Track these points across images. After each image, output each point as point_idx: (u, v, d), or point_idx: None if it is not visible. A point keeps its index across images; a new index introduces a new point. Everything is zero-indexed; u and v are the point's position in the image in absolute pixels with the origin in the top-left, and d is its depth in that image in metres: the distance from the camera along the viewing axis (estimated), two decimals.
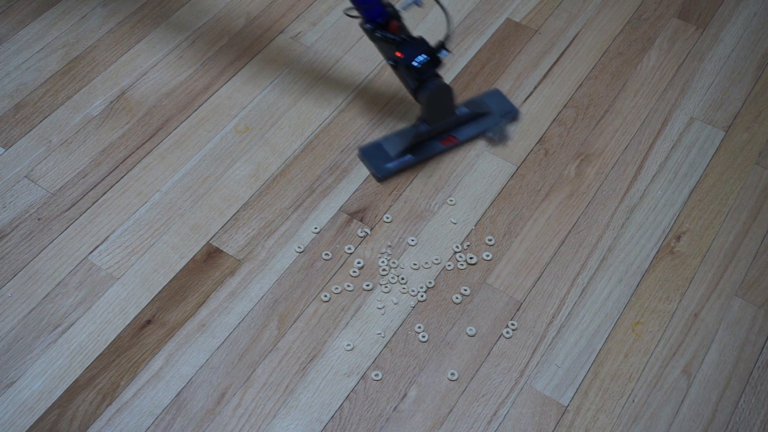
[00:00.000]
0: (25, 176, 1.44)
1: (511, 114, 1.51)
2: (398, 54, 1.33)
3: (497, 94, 1.54)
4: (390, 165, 1.44)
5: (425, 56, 1.33)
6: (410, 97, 1.52)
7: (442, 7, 1.39)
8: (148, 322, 1.28)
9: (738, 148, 1.50)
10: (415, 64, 1.32)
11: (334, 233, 1.38)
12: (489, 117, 1.50)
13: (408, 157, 1.44)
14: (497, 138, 1.47)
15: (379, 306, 1.30)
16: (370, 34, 1.37)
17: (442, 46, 1.35)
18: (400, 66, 1.35)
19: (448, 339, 1.27)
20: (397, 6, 1.38)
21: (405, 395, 1.22)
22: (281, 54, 1.64)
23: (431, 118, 1.43)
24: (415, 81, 1.35)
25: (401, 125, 1.51)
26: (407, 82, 1.37)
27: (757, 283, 1.34)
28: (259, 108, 1.55)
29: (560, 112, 1.55)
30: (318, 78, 1.60)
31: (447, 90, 1.39)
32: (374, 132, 1.51)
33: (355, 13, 1.37)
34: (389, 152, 1.44)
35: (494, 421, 1.19)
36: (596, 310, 1.30)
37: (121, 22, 1.68)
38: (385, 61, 1.55)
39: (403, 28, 1.37)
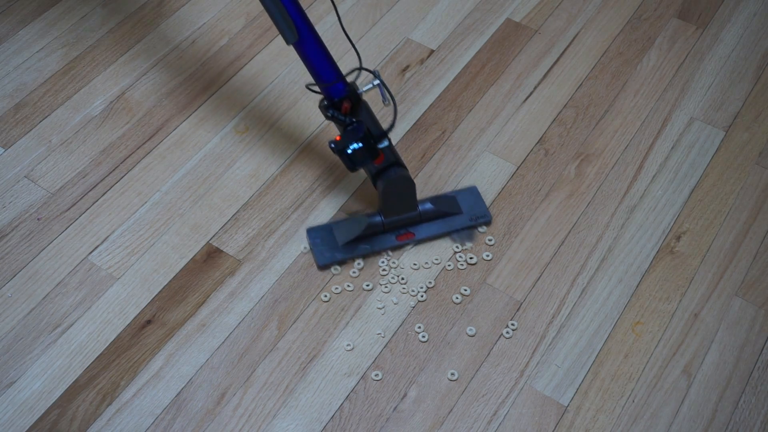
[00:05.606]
0: (25, 176, 1.44)
1: (483, 219, 1.37)
2: (337, 138, 1.23)
3: (473, 193, 1.40)
4: (334, 254, 1.33)
5: (359, 144, 1.21)
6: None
7: (389, 92, 1.25)
8: (148, 322, 1.28)
9: (738, 148, 1.50)
10: (348, 151, 1.21)
11: None
12: (457, 217, 1.37)
13: (358, 248, 1.33)
14: (462, 243, 1.36)
15: (379, 306, 1.30)
16: (324, 111, 1.27)
17: (384, 135, 1.24)
18: (335, 151, 1.23)
19: (448, 339, 1.27)
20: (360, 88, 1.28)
21: (405, 395, 1.22)
22: (281, 54, 1.63)
23: (387, 210, 1.32)
24: (352, 166, 1.23)
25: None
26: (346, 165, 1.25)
27: (757, 283, 1.34)
28: (259, 108, 1.55)
29: (560, 112, 1.55)
30: None
31: (408, 183, 1.29)
32: None
33: (317, 88, 1.26)
34: (337, 239, 1.33)
35: (494, 421, 1.19)
36: (596, 310, 1.30)
37: (121, 22, 1.68)
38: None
39: (357, 111, 1.27)
